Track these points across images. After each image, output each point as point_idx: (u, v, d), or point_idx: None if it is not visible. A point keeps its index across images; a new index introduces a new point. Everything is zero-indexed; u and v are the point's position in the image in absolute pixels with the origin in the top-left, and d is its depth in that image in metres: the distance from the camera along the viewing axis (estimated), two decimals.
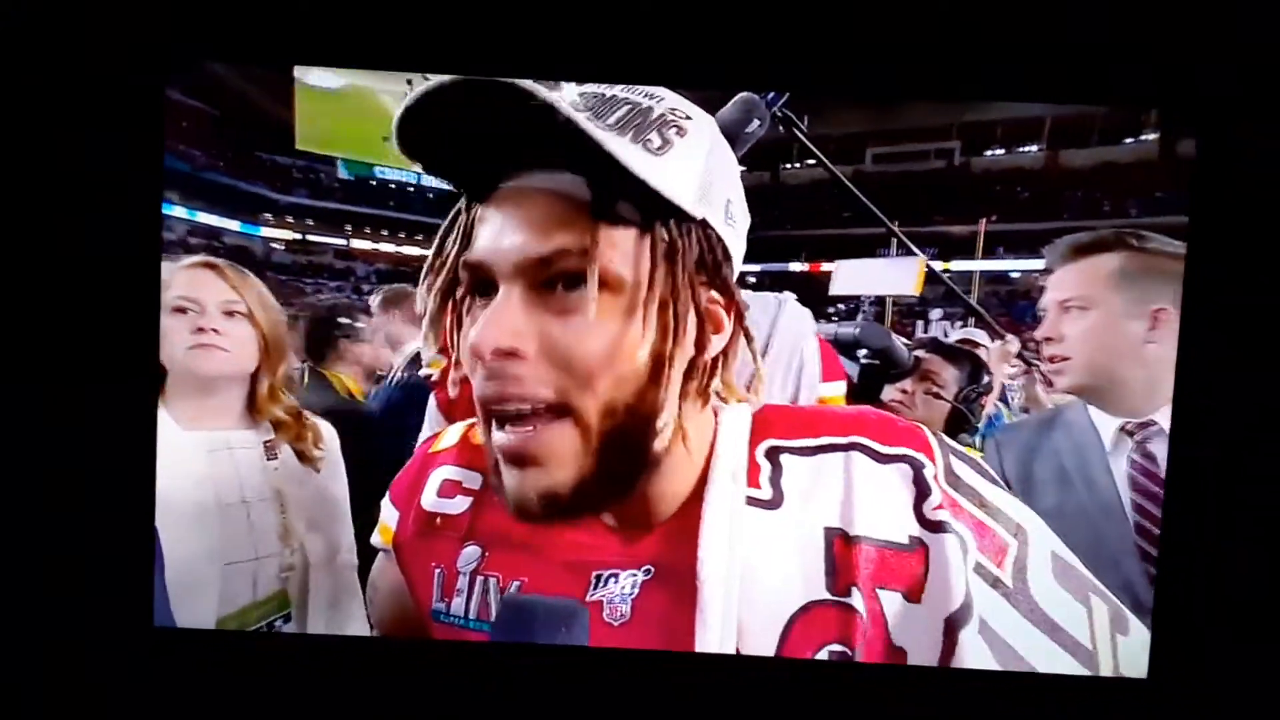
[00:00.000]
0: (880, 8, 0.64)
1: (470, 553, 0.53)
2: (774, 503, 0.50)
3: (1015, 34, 0.64)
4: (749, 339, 0.50)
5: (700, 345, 0.47)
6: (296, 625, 0.86)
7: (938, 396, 1.31)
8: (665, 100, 0.46)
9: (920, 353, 1.33)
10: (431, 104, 0.41)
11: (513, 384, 0.43)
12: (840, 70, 0.66)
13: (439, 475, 0.57)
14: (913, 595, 0.48)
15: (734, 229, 0.49)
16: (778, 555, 0.49)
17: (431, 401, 0.95)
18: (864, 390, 1.21)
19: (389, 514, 0.59)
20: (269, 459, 0.85)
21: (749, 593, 0.48)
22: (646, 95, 0.46)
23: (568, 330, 0.43)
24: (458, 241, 0.47)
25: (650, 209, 0.44)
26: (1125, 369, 0.85)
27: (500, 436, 0.45)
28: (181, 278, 0.82)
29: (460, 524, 0.55)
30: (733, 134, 0.81)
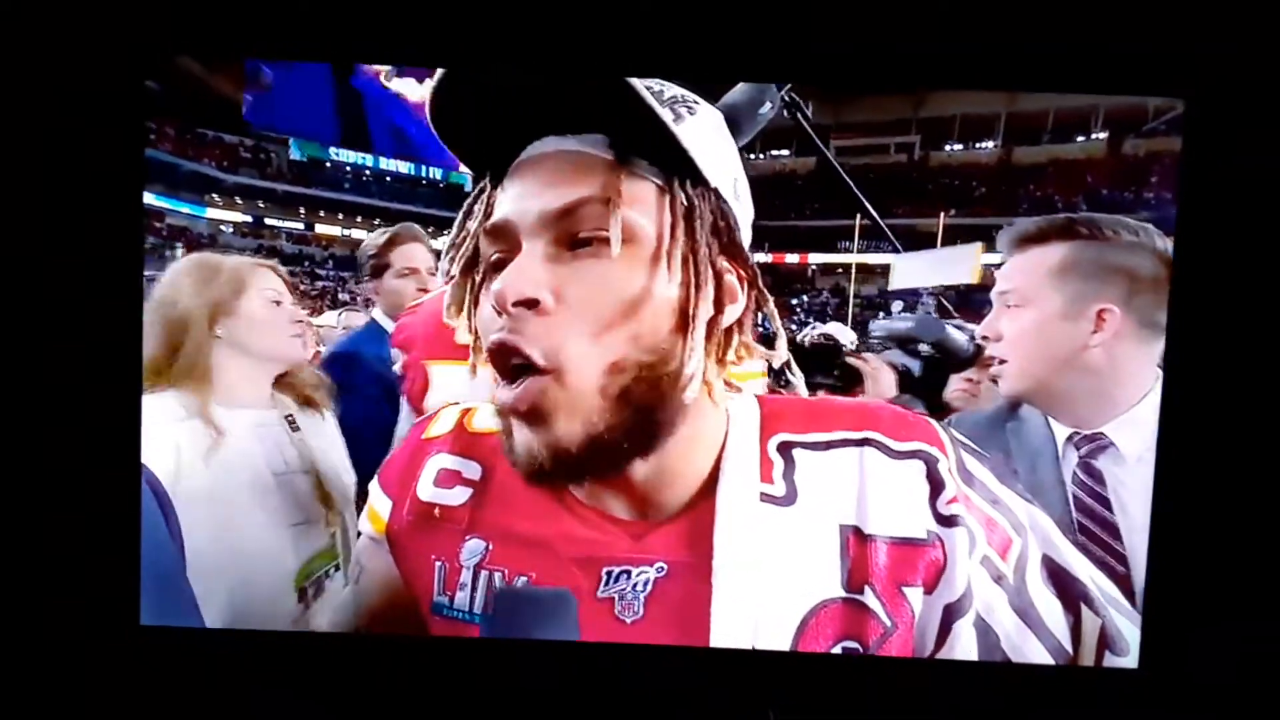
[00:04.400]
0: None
1: (474, 546, 0.53)
2: (787, 499, 0.51)
3: (1011, 22, 0.67)
4: (764, 301, 0.51)
5: (719, 305, 0.48)
6: (346, 576, 0.88)
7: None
8: (672, 88, 0.49)
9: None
10: (459, 79, 0.44)
11: (529, 336, 0.44)
12: (840, 58, 0.69)
13: (435, 464, 0.56)
14: (930, 589, 0.49)
15: (740, 204, 0.51)
16: (792, 552, 0.49)
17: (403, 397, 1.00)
18: (927, 384, 1.19)
19: (380, 502, 0.57)
20: (293, 430, 0.88)
21: (763, 591, 0.48)
22: (656, 82, 0.48)
23: (589, 281, 0.44)
24: (479, 218, 0.49)
25: (670, 168, 0.46)
26: (1065, 376, 0.78)
27: (508, 393, 0.45)
28: (263, 272, 0.88)
29: (461, 516, 0.54)
30: (745, 115, 0.82)
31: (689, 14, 0.69)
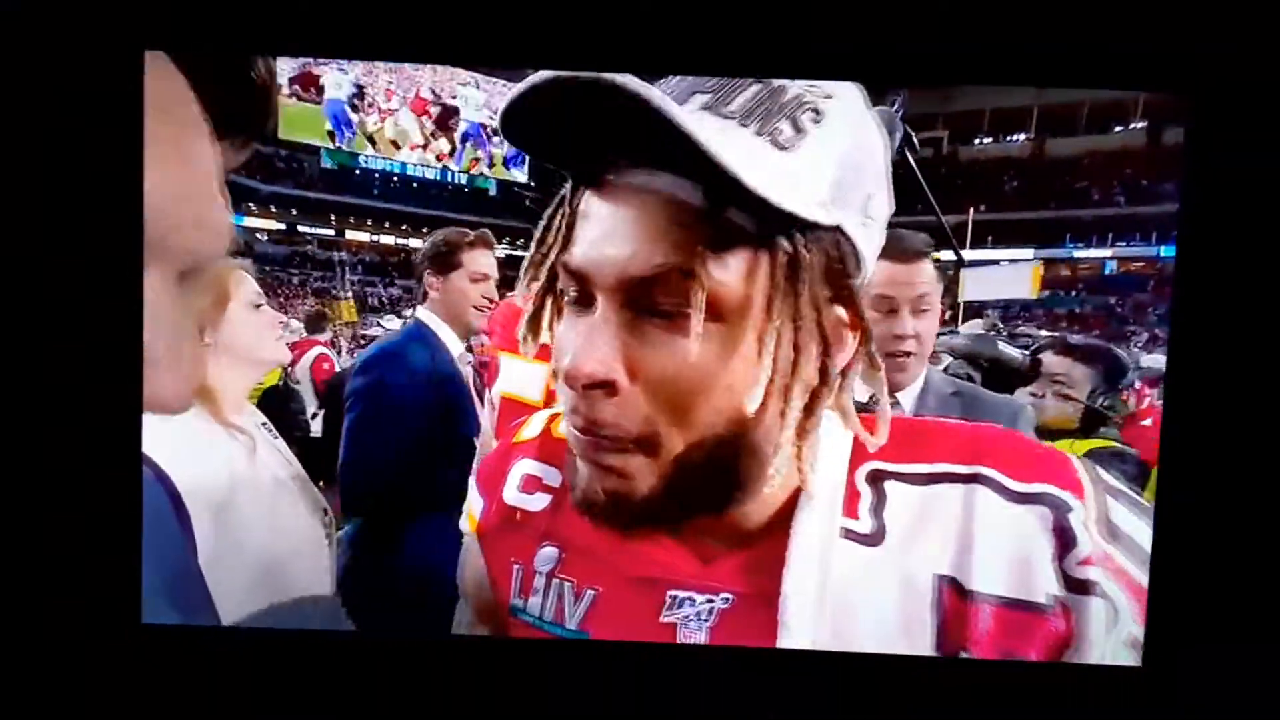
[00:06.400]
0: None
1: (548, 553, 0.52)
2: (874, 538, 0.45)
3: (1007, 16, 0.66)
4: (873, 365, 0.43)
5: (824, 374, 0.41)
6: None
7: (1067, 398, 1.31)
8: (795, 85, 0.42)
9: (1048, 354, 1.38)
10: (530, 100, 0.37)
11: (602, 419, 0.40)
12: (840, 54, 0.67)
13: (520, 468, 0.56)
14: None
15: (871, 227, 0.43)
16: (874, 600, 0.44)
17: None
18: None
19: (475, 501, 0.58)
20: (275, 436, 0.87)
21: (836, 639, 0.44)
22: (778, 79, 0.41)
23: (669, 361, 0.39)
24: (559, 238, 0.42)
25: (770, 218, 0.38)
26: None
27: (577, 437, 0.43)
28: (241, 276, 0.85)
29: (539, 522, 0.54)
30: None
31: (688, 12, 0.67)
